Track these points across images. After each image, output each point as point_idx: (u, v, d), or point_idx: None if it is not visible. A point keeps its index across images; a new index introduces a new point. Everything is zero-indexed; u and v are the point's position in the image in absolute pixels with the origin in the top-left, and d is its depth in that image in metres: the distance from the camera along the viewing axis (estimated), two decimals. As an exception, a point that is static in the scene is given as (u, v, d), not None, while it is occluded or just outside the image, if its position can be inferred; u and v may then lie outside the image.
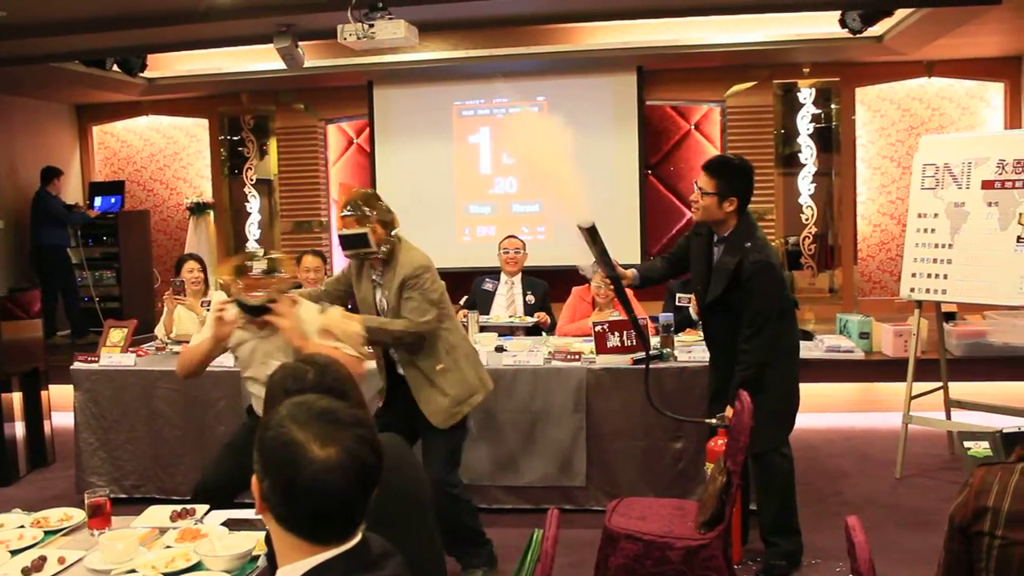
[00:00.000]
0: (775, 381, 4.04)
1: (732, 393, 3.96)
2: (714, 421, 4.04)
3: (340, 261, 9.80)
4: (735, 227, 4.06)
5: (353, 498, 1.60)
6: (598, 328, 4.96)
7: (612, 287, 4.22)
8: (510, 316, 6.22)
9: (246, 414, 4.07)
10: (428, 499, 2.63)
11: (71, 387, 5.50)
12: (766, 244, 4.10)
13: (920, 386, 5.62)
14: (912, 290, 5.52)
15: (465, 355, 4.19)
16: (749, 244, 3.99)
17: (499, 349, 5.31)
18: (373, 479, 1.63)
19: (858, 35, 7.16)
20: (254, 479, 1.62)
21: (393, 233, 4.09)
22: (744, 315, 3.97)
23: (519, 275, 6.35)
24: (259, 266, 3.68)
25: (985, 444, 3.56)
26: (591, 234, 4.07)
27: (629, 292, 4.43)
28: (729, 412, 3.92)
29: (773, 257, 4.04)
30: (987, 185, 5.26)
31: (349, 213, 3.99)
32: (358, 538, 1.66)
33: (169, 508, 3.14)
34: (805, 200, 9.00)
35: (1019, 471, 1.99)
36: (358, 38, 5.27)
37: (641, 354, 4.87)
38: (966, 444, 3.64)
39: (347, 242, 4.01)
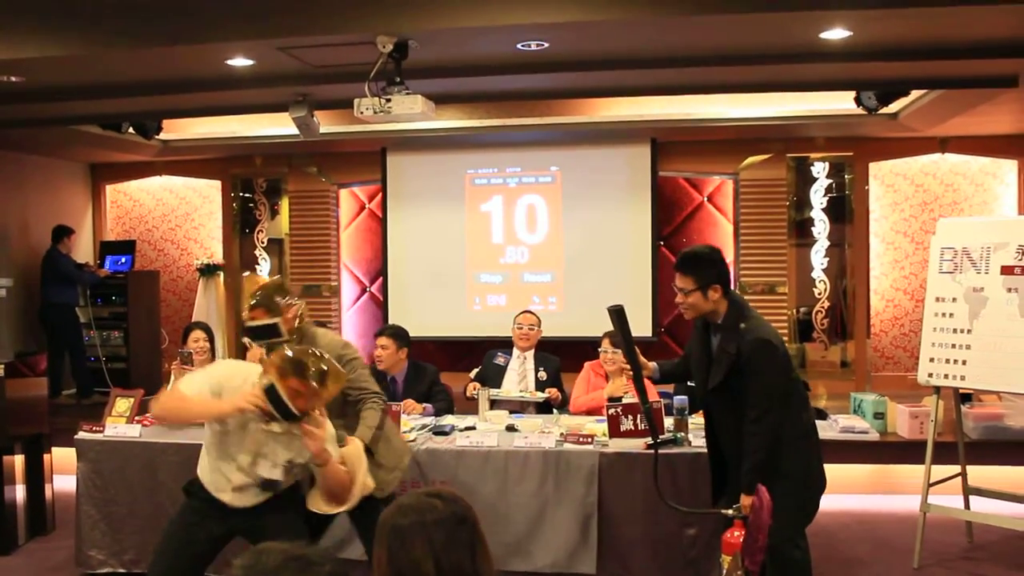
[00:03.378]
0: (790, 467, 3.93)
1: (744, 480, 3.88)
2: (730, 512, 3.93)
3: (347, 331, 9.78)
4: (727, 312, 4.01)
5: None
6: (611, 411, 4.88)
7: (631, 373, 4.14)
8: (521, 391, 6.14)
9: (185, 493, 3.79)
10: None
11: (73, 449, 5.42)
12: (761, 322, 4.04)
13: (937, 470, 5.51)
14: (930, 375, 5.43)
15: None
16: (744, 325, 3.94)
17: (510, 428, 5.23)
18: None
19: (873, 113, 7.17)
20: None
21: (302, 322, 4.20)
22: (748, 398, 3.90)
23: (532, 350, 6.28)
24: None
25: None
26: (618, 316, 4.00)
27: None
28: (745, 502, 3.83)
29: (771, 335, 3.97)
30: (1006, 271, 5.20)
31: (257, 303, 4.06)
32: None
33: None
34: (818, 274, 8.96)
35: None
36: (375, 112, 5.26)
37: (655, 438, 4.79)
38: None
39: (257, 333, 4.08)
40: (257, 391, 3.43)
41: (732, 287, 4.12)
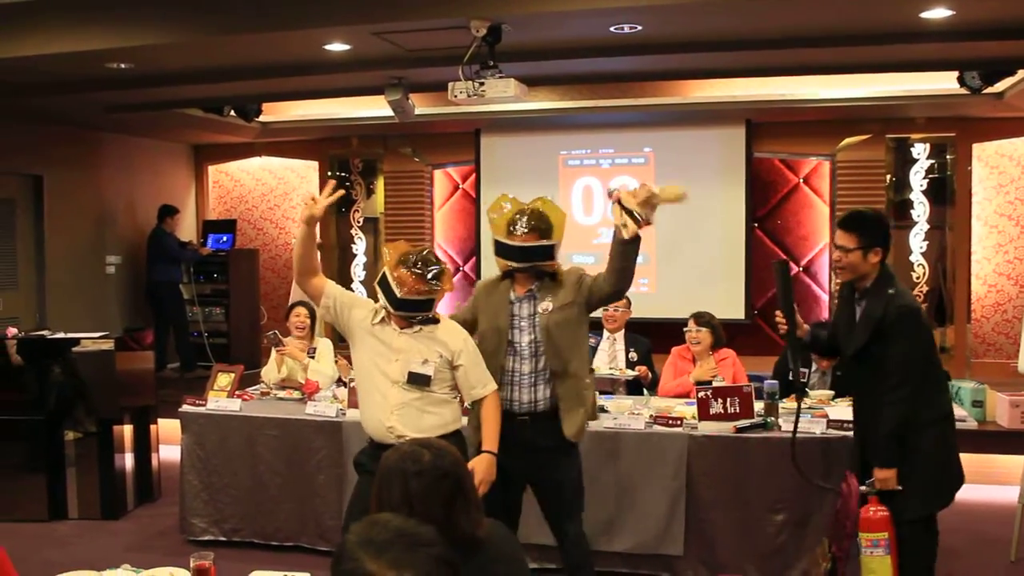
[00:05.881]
0: (928, 447, 3.83)
1: (878, 453, 3.82)
2: (864, 488, 3.88)
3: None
4: (876, 278, 3.94)
5: None
6: (701, 394, 4.88)
7: (786, 329, 4.13)
8: (610, 369, 6.18)
9: (357, 467, 4.03)
10: None
11: (178, 421, 5.65)
12: (908, 292, 4.00)
13: (1038, 462, 5.38)
14: (1031, 364, 5.30)
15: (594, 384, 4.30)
16: (892, 291, 3.87)
17: (601, 409, 5.26)
18: None
19: (977, 93, 6.97)
20: None
21: None
22: (888, 364, 3.82)
23: (621, 331, 6.31)
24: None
25: None
26: (782, 270, 4.11)
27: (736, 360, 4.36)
28: (879, 475, 3.76)
29: (917, 305, 3.93)
30: (1114, 257, 5.05)
31: (535, 227, 4.00)
32: None
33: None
34: (916, 258, 8.76)
35: None
36: (468, 95, 5.33)
37: (745, 422, 4.78)
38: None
39: (538, 253, 4.02)
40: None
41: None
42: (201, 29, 5.71)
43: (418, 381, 3.81)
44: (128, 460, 6.32)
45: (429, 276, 3.72)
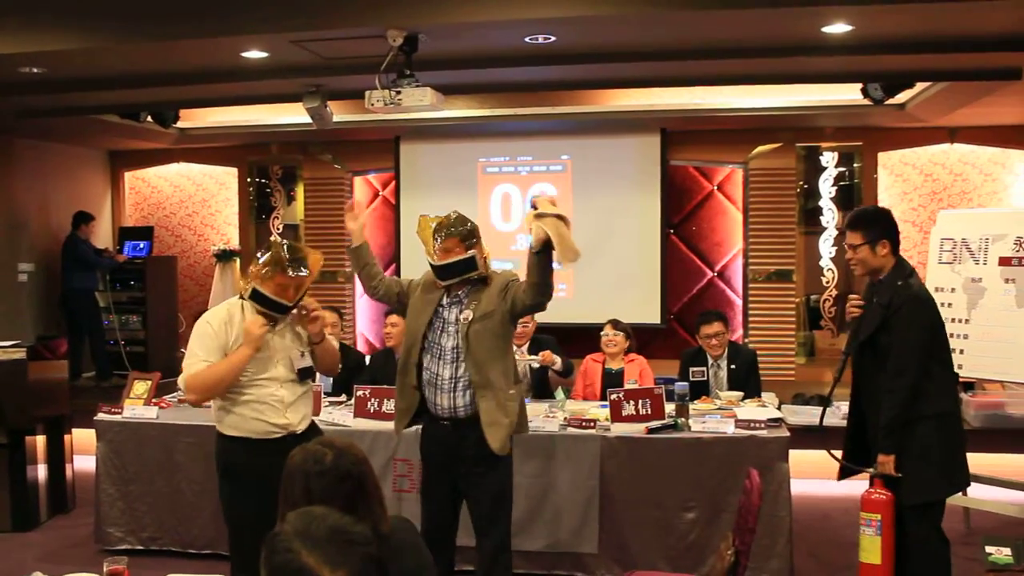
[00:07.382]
0: (920, 438, 3.98)
1: (880, 439, 4.00)
2: (871, 471, 4.08)
3: (361, 317, 9.91)
4: (890, 270, 4.11)
5: None
6: (614, 396, 5.01)
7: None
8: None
9: (225, 475, 3.95)
10: None
11: (93, 431, 5.60)
12: (922, 285, 4.14)
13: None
14: (928, 364, 5.53)
15: (522, 395, 4.29)
16: (901, 282, 4.04)
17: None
18: None
19: (880, 104, 7.24)
20: None
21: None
22: (891, 355, 3.99)
23: (527, 345, 6.35)
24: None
25: (1007, 551, 3.52)
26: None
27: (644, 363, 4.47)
28: (881, 459, 3.98)
29: (927, 297, 4.08)
30: (1004, 262, 5.30)
31: (450, 235, 4.02)
32: None
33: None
34: (826, 263, 9.03)
35: None
36: (385, 104, 5.39)
37: (656, 423, 4.92)
38: (988, 549, 3.58)
39: (457, 268, 4.02)
40: (253, 317, 3.79)
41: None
42: (117, 35, 5.66)
43: (308, 375, 3.97)
44: (41, 471, 6.22)
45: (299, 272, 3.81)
